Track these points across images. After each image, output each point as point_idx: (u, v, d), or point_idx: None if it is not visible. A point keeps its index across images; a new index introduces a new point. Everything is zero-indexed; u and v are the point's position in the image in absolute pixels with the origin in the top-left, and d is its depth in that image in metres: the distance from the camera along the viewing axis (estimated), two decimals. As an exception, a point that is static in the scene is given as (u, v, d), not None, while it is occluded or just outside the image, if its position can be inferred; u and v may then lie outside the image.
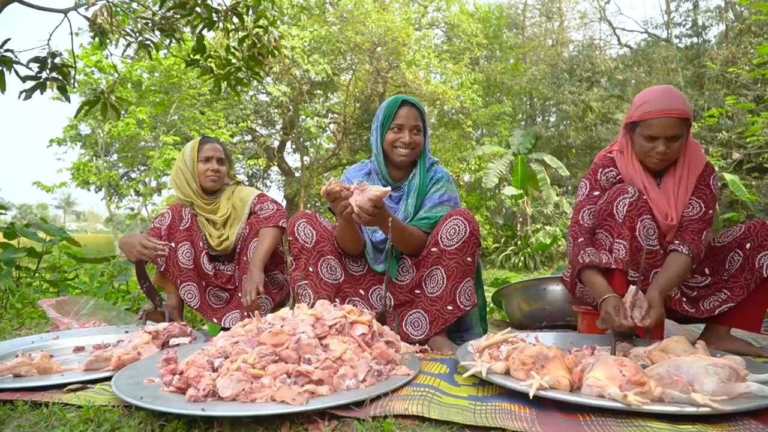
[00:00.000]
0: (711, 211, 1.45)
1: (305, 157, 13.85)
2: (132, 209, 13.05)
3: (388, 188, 1.35)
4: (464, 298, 1.50)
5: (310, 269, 1.53)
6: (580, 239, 1.47)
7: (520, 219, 12.03)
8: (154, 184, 11.89)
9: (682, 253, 1.39)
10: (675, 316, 1.62)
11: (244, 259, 1.79)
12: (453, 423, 0.92)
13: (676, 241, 1.41)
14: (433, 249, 1.51)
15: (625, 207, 1.38)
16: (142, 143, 11.87)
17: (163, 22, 2.99)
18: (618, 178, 1.51)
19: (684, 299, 1.44)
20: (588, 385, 1.02)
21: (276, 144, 14.18)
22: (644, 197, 1.41)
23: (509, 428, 0.90)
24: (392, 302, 1.56)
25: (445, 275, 1.49)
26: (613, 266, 1.38)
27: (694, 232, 1.41)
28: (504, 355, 1.18)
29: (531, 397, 0.98)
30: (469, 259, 1.49)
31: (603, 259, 1.42)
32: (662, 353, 1.20)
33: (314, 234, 1.54)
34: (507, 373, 1.12)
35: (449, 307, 1.49)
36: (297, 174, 13.98)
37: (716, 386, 0.98)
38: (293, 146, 14.35)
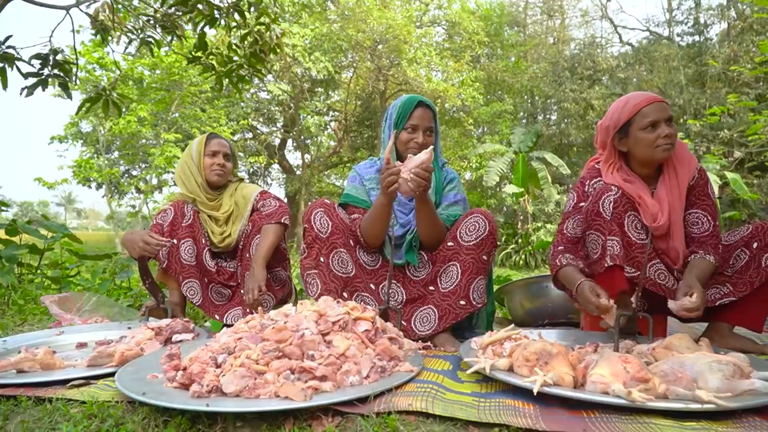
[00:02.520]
0: (717, 222, 1.48)
1: (306, 155, 13.83)
2: (133, 207, 13.05)
3: (430, 148, 1.38)
4: (477, 294, 1.51)
5: (321, 260, 1.52)
6: (560, 247, 1.51)
7: (521, 217, 12.01)
8: (155, 181, 11.88)
9: (707, 260, 1.42)
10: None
11: (247, 255, 1.79)
12: (457, 419, 0.92)
13: (700, 251, 1.44)
14: (450, 244, 1.53)
15: (611, 204, 1.39)
16: (144, 141, 11.86)
17: (164, 19, 2.98)
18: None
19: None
20: (592, 382, 1.01)
21: (277, 142, 14.16)
22: (626, 195, 1.42)
23: (513, 425, 0.89)
24: (404, 297, 1.56)
25: (460, 270, 1.50)
26: (610, 263, 1.37)
27: (713, 246, 1.44)
28: (507, 351, 1.18)
29: (535, 394, 0.98)
30: (485, 257, 1.51)
31: (580, 264, 1.45)
32: (666, 350, 1.20)
33: (330, 225, 1.54)
34: (510, 369, 1.12)
35: (462, 302, 1.50)
36: (298, 172, 13.97)
37: (720, 383, 0.98)
38: (294, 144, 14.34)
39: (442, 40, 14.11)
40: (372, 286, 1.58)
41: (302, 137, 13.06)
